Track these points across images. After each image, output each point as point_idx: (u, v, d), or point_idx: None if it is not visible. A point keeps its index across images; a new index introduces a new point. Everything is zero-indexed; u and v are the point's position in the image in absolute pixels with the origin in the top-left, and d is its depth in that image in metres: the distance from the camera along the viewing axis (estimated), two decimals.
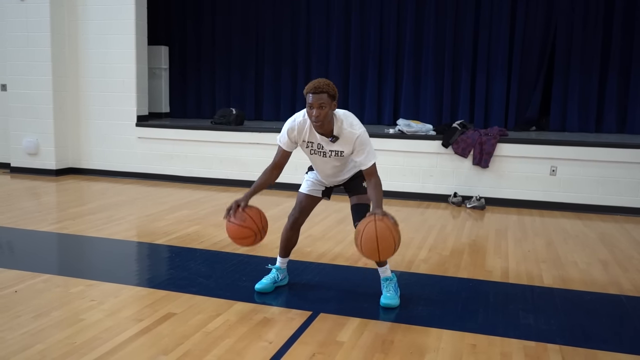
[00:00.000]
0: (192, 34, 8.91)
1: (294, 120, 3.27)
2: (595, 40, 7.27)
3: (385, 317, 3.23)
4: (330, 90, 3.08)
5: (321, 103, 3.05)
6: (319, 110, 3.06)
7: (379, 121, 8.14)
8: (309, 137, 3.24)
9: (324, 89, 3.06)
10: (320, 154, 3.28)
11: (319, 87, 3.06)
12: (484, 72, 7.66)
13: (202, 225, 5.26)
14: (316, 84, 3.09)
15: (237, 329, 2.99)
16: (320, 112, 3.06)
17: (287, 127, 3.28)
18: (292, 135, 3.26)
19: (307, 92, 3.10)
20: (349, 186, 3.48)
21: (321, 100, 3.05)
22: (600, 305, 3.54)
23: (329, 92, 3.07)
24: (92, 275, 3.82)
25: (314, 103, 3.06)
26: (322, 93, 3.05)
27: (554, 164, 6.33)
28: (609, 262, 4.38)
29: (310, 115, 3.10)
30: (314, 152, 3.30)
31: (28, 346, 2.72)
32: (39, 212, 5.80)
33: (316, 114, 3.06)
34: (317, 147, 3.26)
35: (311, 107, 3.08)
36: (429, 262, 4.29)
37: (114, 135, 7.84)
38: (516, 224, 5.66)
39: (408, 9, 7.86)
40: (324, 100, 3.05)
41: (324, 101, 3.05)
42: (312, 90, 3.07)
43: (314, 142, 3.25)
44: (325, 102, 3.05)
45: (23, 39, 7.68)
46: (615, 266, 4.28)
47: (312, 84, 3.10)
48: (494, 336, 2.98)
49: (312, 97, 3.07)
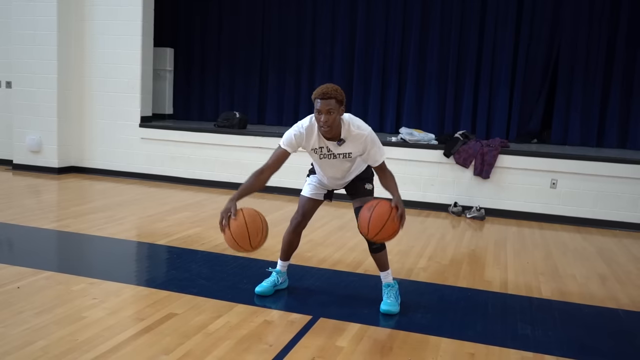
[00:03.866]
0: (198, 37, 8.96)
1: (301, 126, 3.25)
2: (599, 54, 7.32)
3: (385, 323, 3.25)
4: (339, 95, 3.09)
5: (329, 109, 3.06)
6: (327, 115, 3.07)
7: (381, 129, 8.16)
8: (318, 143, 3.25)
9: (332, 95, 3.07)
10: (329, 156, 3.29)
11: (327, 92, 3.07)
12: (487, 83, 7.70)
13: (203, 227, 5.28)
14: (324, 89, 3.09)
15: (238, 330, 3.01)
16: (329, 117, 3.07)
17: (293, 131, 3.25)
18: (299, 138, 3.23)
19: (315, 98, 3.10)
20: (351, 190, 3.50)
21: (329, 106, 3.06)
22: (598, 318, 3.57)
23: (337, 98, 3.08)
24: (94, 273, 3.84)
25: (322, 109, 3.07)
26: (331, 99, 3.06)
27: (554, 177, 6.37)
28: (607, 277, 4.41)
29: (319, 120, 3.11)
30: (323, 157, 3.31)
31: (30, 342, 2.74)
32: (40, 210, 5.83)
33: (324, 120, 3.08)
34: (326, 151, 3.27)
35: (319, 113, 3.09)
36: (428, 271, 4.31)
37: (117, 135, 7.87)
38: (515, 235, 5.69)
39: (413, 18, 7.92)
40: (332, 106, 3.06)
41: (332, 107, 3.06)
42: (321, 96, 3.07)
43: (322, 147, 3.26)
44: (333, 107, 3.07)
45: (29, 37, 7.72)
46: (614, 281, 4.31)
47: (321, 90, 3.10)
48: (492, 346, 3.00)
49: (320, 102, 3.07)
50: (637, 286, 4.21)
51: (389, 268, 3.49)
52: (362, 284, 3.93)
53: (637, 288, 4.17)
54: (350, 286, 3.89)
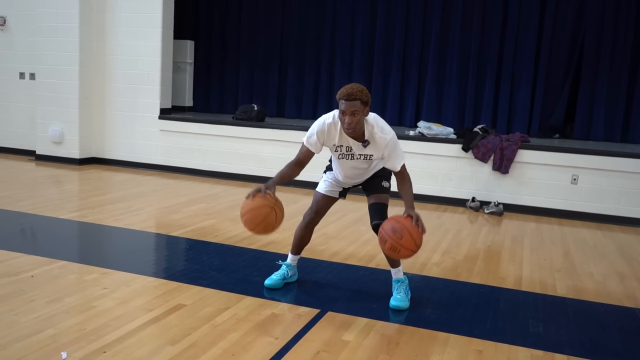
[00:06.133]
0: (218, 30, 8.98)
1: (323, 122, 3.20)
2: (625, 48, 7.15)
3: (393, 318, 3.23)
4: (364, 97, 3.03)
5: (354, 110, 3.01)
6: (351, 117, 3.02)
7: (400, 122, 8.10)
8: (339, 141, 3.21)
9: (357, 96, 3.01)
10: (348, 157, 3.26)
11: (352, 94, 3.00)
12: (508, 77, 7.57)
13: (218, 219, 5.31)
14: (349, 90, 3.03)
15: (245, 323, 3.01)
16: (353, 119, 3.03)
17: (316, 128, 3.21)
18: (321, 138, 3.20)
19: (340, 98, 3.05)
20: (367, 186, 3.47)
21: (354, 108, 3.01)
22: (614, 317, 3.48)
23: (362, 99, 3.02)
24: (107, 263, 3.88)
25: (347, 110, 3.02)
26: (355, 100, 3.01)
27: (575, 173, 6.24)
28: (626, 275, 4.31)
29: (343, 121, 3.07)
30: (342, 157, 3.27)
31: (40, 330, 2.78)
32: (60, 200, 5.91)
33: (348, 121, 3.03)
34: (345, 151, 3.23)
35: (344, 114, 3.04)
36: (442, 266, 4.27)
37: (137, 127, 7.95)
38: (534, 231, 5.60)
39: (434, 11, 7.81)
40: (356, 108, 3.01)
41: (356, 108, 3.01)
42: (345, 97, 3.01)
43: (343, 145, 3.22)
44: (358, 109, 3.01)
45: (52, 30, 7.82)
46: (633, 279, 4.22)
47: (345, 90, 3.04)
48: (501, 343, 2.96)
49: (345, 104, 3.02)
50: None
51: (400, 265, 3.46)
52: (373, 278, 3.90)
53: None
54: (360, 280, 3.87)
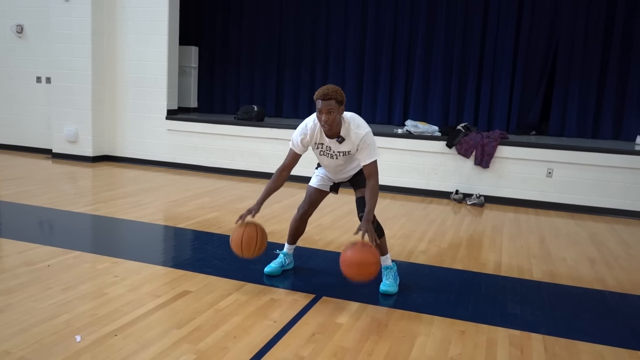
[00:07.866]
0: (220, 36, 8.94)
1: (305, 126, 3.27)
2: (595, 50, 7.14)
3: (383, 302, 3.23)
4: (338, 96, 3.08)
5: (329, 109, 3.06)
6: (327, 115, 3.07)
7: (389, 121, 8.10)
8: (320, 140, 3.26)
9: (332, 96, 3.06)
10: (328, 155, 3.30)
11: (327, 94, 3.06)
12: (489, 77, 7.56)
13: (222, 211, 5.29)
14: (325, 90, 3.08)
15: (246, 307, 3.01)
16: (329, 117, 3.08)
17: (299, 132, 3.28)
18: (304, 140, 3.26)
19: (316, 98, 3.10)
20: (354, 181, 3.49)
21: (329, 106, 3.06)
22: (585, 299, 3.50)
23: (337, 99, 3.07)
24: (118, 253, 3.87)
25: (323, 109, 3.07)
26: (331, 99, 3.05)
27: (550, 167, 6.25)
28: (596, 260, 4.33)
29: (320, 119, 3.11)
30: (322, 153, 3.32)
31: (55, 315, 2.78)
32: (75, 195, 5.89)
33: (325, 119, 3.08)
34: (326, 149, 3.28)
35: (320, 112, 3.09)
36: (428, 254, 4.27)
37: (146, 127, 7.91)
38: (512, 221, 5.61)
39: (420, 16, 7.79)
40: (332, 106, 3.06)
41: (332, 107, 3.06)
42: (322, 97, 3.07)
43: (323, 143, 3.26)
44: (333, 107, 3.06)
45: (67, 37, 7.77)
46: (602, 264, 4.23)
47: (322, 91, 3.09)
48: (482, 324, 2.97)
49: (321, 103, 3.07)
50: (624, 269, 4.13)
51: (388, 252, 3.47)
52: None
53: (623, 271, 4.08)
54: None
